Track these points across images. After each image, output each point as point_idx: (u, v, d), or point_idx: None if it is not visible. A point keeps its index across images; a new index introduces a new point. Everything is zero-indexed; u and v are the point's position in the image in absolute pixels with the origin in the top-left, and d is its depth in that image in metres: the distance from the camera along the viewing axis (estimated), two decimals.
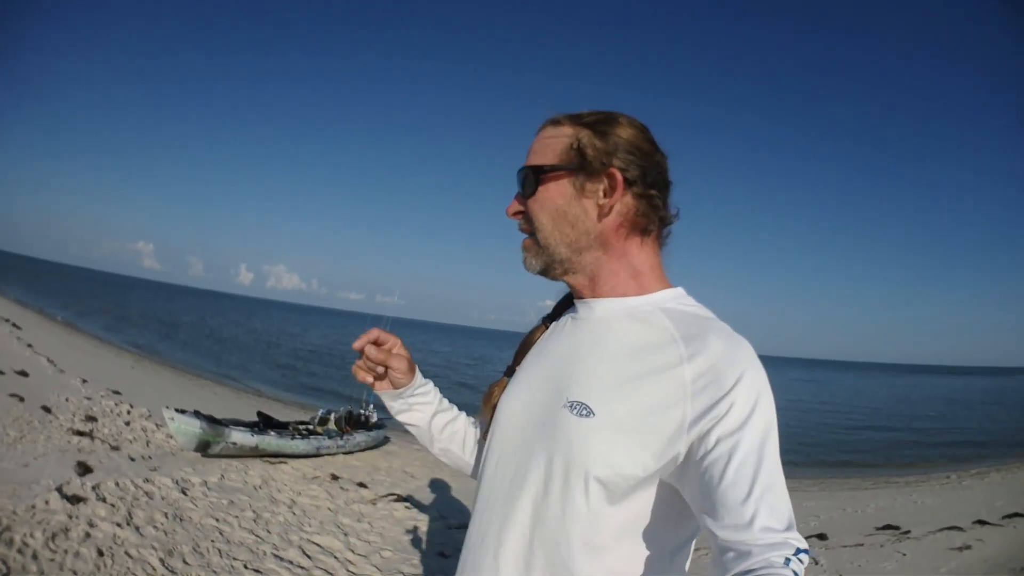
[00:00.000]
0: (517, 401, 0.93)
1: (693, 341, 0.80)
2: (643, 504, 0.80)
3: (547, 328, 1.03)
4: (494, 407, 0.99)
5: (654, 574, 0.82)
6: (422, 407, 1.10)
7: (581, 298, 0.95)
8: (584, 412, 0.81)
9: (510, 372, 1.03)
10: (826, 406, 32.50)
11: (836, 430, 21.36)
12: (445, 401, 1.13)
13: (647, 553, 0.82)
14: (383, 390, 1.06)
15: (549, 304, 1.08)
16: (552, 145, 0.92)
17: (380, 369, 1.02)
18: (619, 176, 0.87)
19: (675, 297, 0.90)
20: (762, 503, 0.68)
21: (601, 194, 0.88)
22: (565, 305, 1.03)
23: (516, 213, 0.96)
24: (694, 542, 0.88)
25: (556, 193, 0.90)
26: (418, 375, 1.08)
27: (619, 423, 0.79)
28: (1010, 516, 7.47)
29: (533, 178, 0.92)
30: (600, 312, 0.91)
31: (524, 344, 1.04)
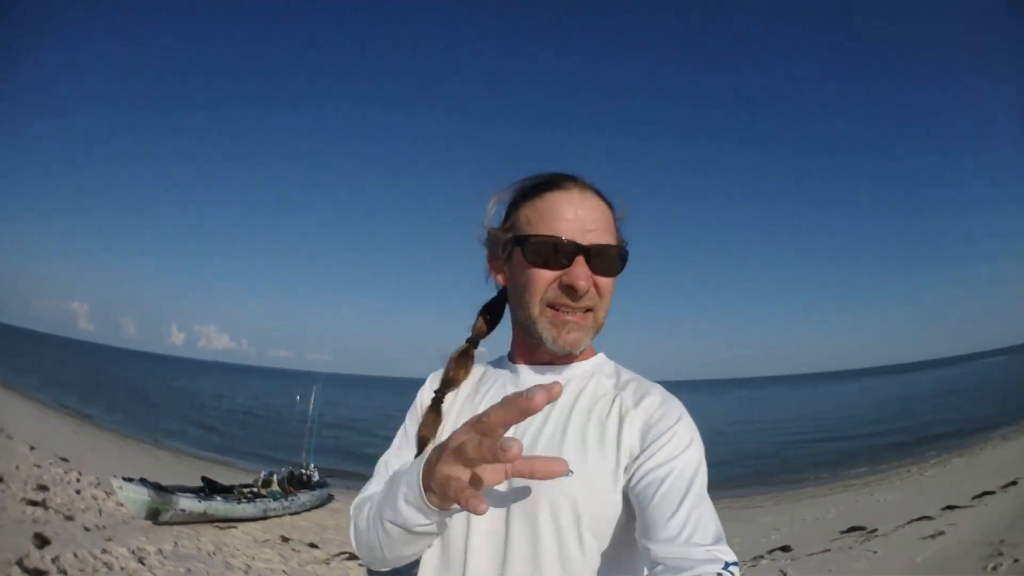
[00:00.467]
0: None
1: (635, 394, 0.92)
2: (629, 541, 0.85)
3: (451, 396, 1.02)
4: None
5: None
6: None
7: (542, 363, 0.99)
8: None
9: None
10: (772, 424, 32.08)
11: (788, 447, 21.22)
12: None
13: None
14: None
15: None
16: (610, 225, 0.94)
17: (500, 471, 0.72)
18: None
19: (605, 361, 1.02)
20: (689, 519, 0.74)
21: None
22: (459, 371, 1.03)
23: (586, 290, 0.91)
24: None
25: None
26: None
27: (592, 475, 0.85)
28: (979, 496, 7.37)
29: (621, 261, 0.94)
30: (562, 378, 0.97)
31: (435, 416, 0.99)
